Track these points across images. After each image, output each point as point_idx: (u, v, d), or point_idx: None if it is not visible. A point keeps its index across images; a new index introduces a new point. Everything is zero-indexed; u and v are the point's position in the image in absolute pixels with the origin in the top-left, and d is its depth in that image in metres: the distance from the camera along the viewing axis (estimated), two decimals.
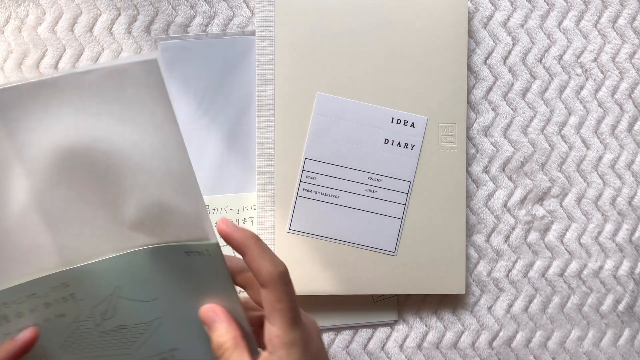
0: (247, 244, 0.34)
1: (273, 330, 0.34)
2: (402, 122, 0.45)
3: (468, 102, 0.49)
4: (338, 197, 0.45)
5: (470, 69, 0.49)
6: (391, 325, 0.49)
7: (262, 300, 0.34)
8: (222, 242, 0.32)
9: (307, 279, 0.46)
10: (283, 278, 0.34)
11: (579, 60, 0.50)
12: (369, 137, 0.45)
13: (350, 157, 0.46)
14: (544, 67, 0.49)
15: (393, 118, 0.45)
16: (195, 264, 0.32)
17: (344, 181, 0.45)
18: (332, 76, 0.46)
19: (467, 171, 0.49)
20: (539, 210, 0.49)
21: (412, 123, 0.45)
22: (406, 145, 0.45)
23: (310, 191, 0.45)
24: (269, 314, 0.34)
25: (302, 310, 0.35)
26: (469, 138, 0.49)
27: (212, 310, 0.36)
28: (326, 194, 0.45)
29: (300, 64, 0.46)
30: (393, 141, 0.45)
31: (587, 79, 0.50)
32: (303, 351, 0.34)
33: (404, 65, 0.46)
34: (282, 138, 0.46)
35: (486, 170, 0.49)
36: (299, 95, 0.46)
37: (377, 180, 0.45)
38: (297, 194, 0.45)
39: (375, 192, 0.46)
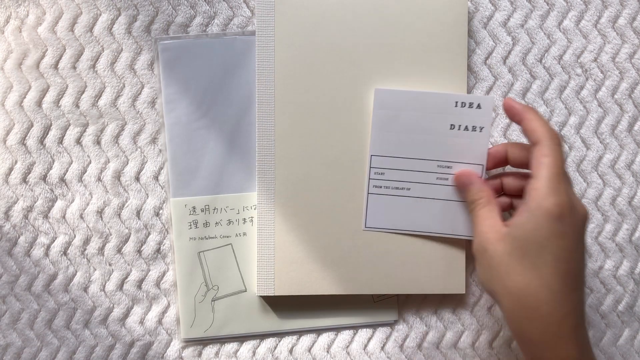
0: (526, 110, 0.38)
1: (535, 183, 0.36)
2: (467, 105, 0.44)
3: None
4: (409, 189, 0.45)
5: (470, 69, 0.49)
6: (391, 325, 0.49)
7: (530, 159, 0.37)
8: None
9: (307, 279, 0.46)
10: (554, 137, 0.37)
11: (579, 60, 0.50)
12: (433, 125, 0.44)
13: (416, 148, 0.45)
14: (544, 67, 0.49)
15: (457, 102, 0.44)
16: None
17: (413, 172, 0.45)
18: (332, 76, 0.46)
19: None
20: None
21: (478, 104, 0.44)
22: (474, 128, 0.44)
23: (381, 187, 0.45)
24: (535, 169, 0.36)
25: (575, 197, 0.37)
26: None
27: (467, 174, 0.43)
28: (396, 187, 0.45)
29: (300, 64, 0.46)
30: (460, 125, 0.44)
31: (587, 79, 0.50)
32: (560, 212, 0.35)
33: (404, 65, 0.46)
34: (282, 138, 0.46)
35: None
36: (299, 95, 0.46)
37: (448, 167, 0.45)
38: (367, 192, 0.46)
39: (448, 179, 0.45)
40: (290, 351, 0.48)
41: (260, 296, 0.47)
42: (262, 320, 0.47)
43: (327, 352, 0.48)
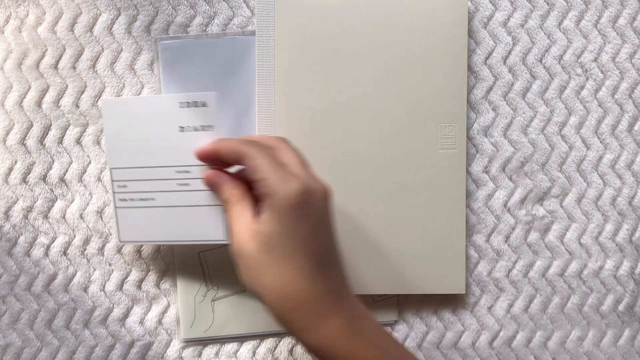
0: (212, 148, 0.40)
1: (262, 182, 0.36)
2: (192, 104, 0.42)
3: (468, 102, 0.49)
4: (154, 199, 0.43)
5: (470, 69, 0.49)
6: (391, 325, 0.49)
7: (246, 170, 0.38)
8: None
9: None
10: (244, 145, 0.38)
11: (579, 60, 0.50)
12: (163, 130, 0.42)
13: (152, 156, 0.43)
14: (544, 67, 0.49)
15: (181, 103, 0.42)
16: None
17: (154, 181, 0.43)
18: (332, 76, 0.46)
19: (467, 171, 0.49)
20: (539, 210, 0.49)
21: (203, 102, 0.42)
22: (204, 128, 0.42)
23: (126, 199, 0.43)
24: (252, 174, 0.37)
25: (311, 176, 0.38)
26: (469, 138, 0.49)
27: (215, 175, 0.41)
28: (141, 199, 0.43)
29: (301, 64, 0.46)
30: (189, 127, 0.42)
31: (587, 79, 0.50)
32: (297, 200, 0.36)
33: (404, 65, 0.46)
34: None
35: (486, 170, 0.49)
36: (299, 96, 0.46)
37: (187, 172, 0.42)
38: (115, 206, 0.43)
39: (189, 185, 0.43)
40: (290, 351, 0.48)
41: None
42: (262, 320, 0.47)
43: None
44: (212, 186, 0.41)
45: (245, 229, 0.37)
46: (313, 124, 0.46)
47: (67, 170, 0.47)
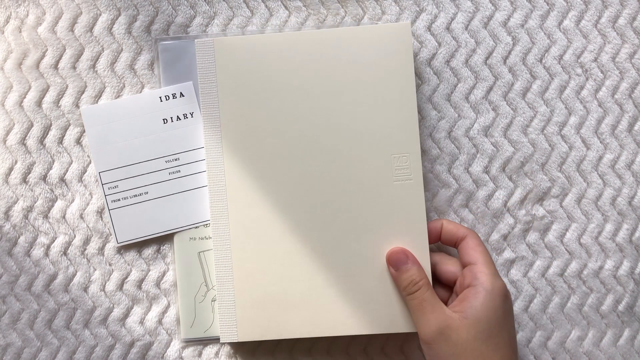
0: (439, 222, 0.43)
1: (479, 267, 0.38)
2: (172, 97, 0.46)
3: (468, 101, 0.49)
4: (147, 192, 0.46)
5: (470, 68, 0.49)
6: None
7: (461, 250, 0.40)
8: None
9: (269, 323, 0.44)
10: (475, 232, 0.41)
11: (579, 60, 0.50)
12: (147, 125, 0.46)
13: (139, 152, 0.46)
14: (544, 67, 0.49)
15: (161, 97, 0.46)
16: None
17: (145, 176, 0.46)
18: (279, 115, 0.44)
19: (468, 171, 0.49)
20: (539, 210, 0.49)
21: (181, 93, 0.46)
22: (185, 116, 0.46)
23: (119, 199, 0.46)
24: (473, 255, 0.39)
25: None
26: (469, 138, 0.49)
27: (403, 252, 0.41)
28: (134, 195, 0.46)
29: (246, 106, 0.44)
30: (172, 117, 0.46)
31: (587, 79, 0.50)
32: (507, 292, 0.38)
33: (352, 98, 0.44)
34: (233, 182, 0.44)
35: (486, 170, 0.49)
36: (246, 137, 0.44)
37: (176, 160, 0.46)
38: (108, 208, 0.46)
39: (179, 171, 0.46)
40: (290, 351, 0.48)
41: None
42: None
43: (327, 352, 0.48)
44: (397, 263, 0.40)
45: (449, 316, 0.37)
46: (263, 165, 0.44)
47: (67, 170, 0.47)
